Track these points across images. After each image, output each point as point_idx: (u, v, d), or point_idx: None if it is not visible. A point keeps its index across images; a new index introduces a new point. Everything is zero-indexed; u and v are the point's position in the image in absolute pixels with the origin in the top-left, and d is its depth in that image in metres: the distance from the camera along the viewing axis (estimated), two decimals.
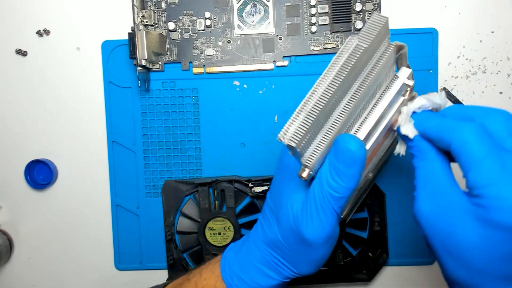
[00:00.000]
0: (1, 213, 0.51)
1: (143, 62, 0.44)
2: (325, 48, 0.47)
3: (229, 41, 0.48)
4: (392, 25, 0.47)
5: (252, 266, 0.34)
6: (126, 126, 0.49)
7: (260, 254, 0.34)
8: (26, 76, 0.49)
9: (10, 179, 0.50)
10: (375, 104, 0.30)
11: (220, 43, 0.48)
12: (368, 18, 0.47)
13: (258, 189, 0.48)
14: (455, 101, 0.47)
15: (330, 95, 0.26)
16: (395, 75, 0.31)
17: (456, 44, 0.48)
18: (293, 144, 0.26)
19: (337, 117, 0.27)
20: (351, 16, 0.47)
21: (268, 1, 0.47)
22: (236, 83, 0.48)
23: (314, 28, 0.47)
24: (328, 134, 0.28)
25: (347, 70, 0.26)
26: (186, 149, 0.49)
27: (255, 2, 0.47)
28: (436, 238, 0.27)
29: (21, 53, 0.49)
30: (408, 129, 0.30)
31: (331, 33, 0.47)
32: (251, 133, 0.49)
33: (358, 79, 0.28)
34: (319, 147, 0.27)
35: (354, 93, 0.28)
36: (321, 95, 0.26)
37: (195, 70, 0.48)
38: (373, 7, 0.47)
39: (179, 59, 0.48)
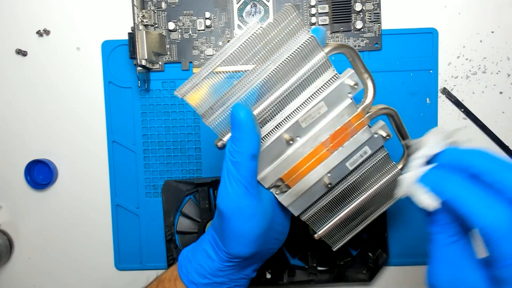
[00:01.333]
0: (1, 213, 0.51)
1: (143, 62, 0.44)
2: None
3: (229, 41, 0.47)
4: (392, 25, 0.47)
5: (199, 247, 0.36)
6: (126, 126, 0.49)
7: (207, 237, 0.36)
8: (26, 76, 0.49)
9: (10, 179, 0.50)
10: (310, 98, 0.32)
11: (220, 43, 0.48)
12: (368, 19, 0.47)
13: None
14: (455, 101, 0.47)
15: (219, 61, 0.30)
16: (336, 74, 0.32)
17: (456, 44, 0.48)
18: (180, 96, 0.30)
19: (244, 91, 0.31)
20: (351, 16, 0.47)
21: (268, 1, 0.47)
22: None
23: None
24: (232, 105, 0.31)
25: (242, 41, 0.30)
26: (186, 149, 0.49)
27: (255, 2, 0.47)
28: None
29: (21, 53, 0.49)
30: (426, 199, 0.27)
31: (331, 33, 0.47)
32: None
33: (269, 61, 0.31)
34: (223, 114, 0.31)
35: (263, 74, 0.31)
36: (212, 60, 0.30)
37: (195, 70, 0.48)
38: (373, 7, 0.47)
39: (179, 59, 0.48)
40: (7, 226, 0.51)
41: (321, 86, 0.32)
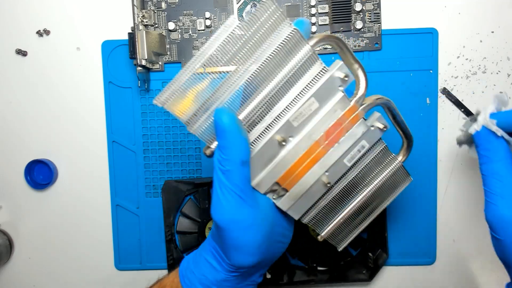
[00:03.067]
0: (1, 213, 0.51)
1: (143, 62, 0.44)
2: (325, 48, 0.47)
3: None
4: (392, 25, 0.47)
5: (201, 259, 0.35)
6: (126, 126, 0.49)
7: (208, 247, 0.35)
8: (26, 76, 0.49)
9: (10, 179, 0.50)
10: (299, 96, 0.31)
11: None
12: (368, 19, 0.47)
13: None
14: (455, 101, 0.47)
15: (198, 64, 0.28)
16: (325, 67, 0.31)
17: (456, 44, 0.48)
18: (160, 105, 0.28)
19: (228, 94, 0.29)
20: (351, 16, 0.47)
21: None
22: None
23: (314, 28, 0.47)
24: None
25: (221, 40, 0.28)
26: (186, 149, 0.49)
27: (255, 2, 0.47)
28: None
29: (21, 53, 0.49)
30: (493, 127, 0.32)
31: (331, 33, 0.47)
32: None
33: (251, 59, 0.29)
34: (207, 120, 0.29)
35: (245, 73, 0.29)
36: (190, 63, 0.28)
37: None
38: (373, 7, 0.47)
39: (179, 59, 0.48)
40: (7, 226, 0.51)
41: (310, 81, 0.31)
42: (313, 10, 0.47)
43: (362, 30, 0.47)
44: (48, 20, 0.49)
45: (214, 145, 0.30)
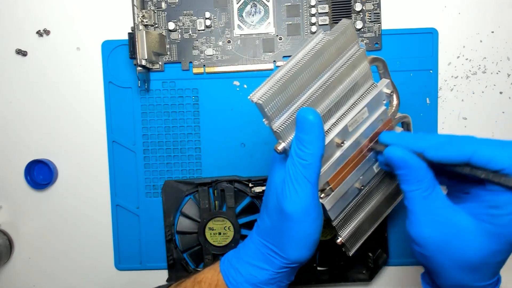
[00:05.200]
0: (1, 213, 0.51)
1: (143, 62, 0.44)
2: None
3: (229, 41, 0.48)
4: (392, 25, 0.47)
5: (247, 258, 0.35)
6: (126, 126, 0.49)
7: (254, 246, 0.35)
8: (26, 76, 0.49)
9: (10, 179, 0.50)
10: (354, 104, 0.34)
11: (220, 43, 0.48)
12: (368, 19, 0.47)
13: (258, 189, 0.48)
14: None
15: (296, 69, 0.30)
16: (374, 83, 0.35)
17: (456, 44, 0.48)
18: (261, 102, 0.30)
19: (310, 96, 0.32)
20: (351, 16, 0.47)
21: (268, 1, 0.47)
22: (236, 83, 0.48)
23: (314, 28, 0.47)
24: (298, 109, 0.32)
25: (313, 53, 0.31)
26: (186, 149, 0.49)
27: (255, 2, 0.47)
28: (443, 256, 0.30)
29: (21, 53, 0.49)
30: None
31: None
32: (251, 133, 0.49)
33: (328, 68, 0.32)
34: (290, 117, 0.31)
35: (327, 80, 0.32)
36: (290, 68, 0.31)
37: (195, 70, 0.48)
38: (373, 7, 0.47)
39: (179, 59, 0.48)
40: (7, 226, 0.51)
41: (363, 93, 0.35)
42: (313, 10, 0.47)
43: (362, 30, 0.47)
44: (48, 20, 0.49)
45: (287, 141, 0.32)
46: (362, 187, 0.37)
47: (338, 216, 0.37)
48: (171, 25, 0.47)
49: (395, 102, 0.38)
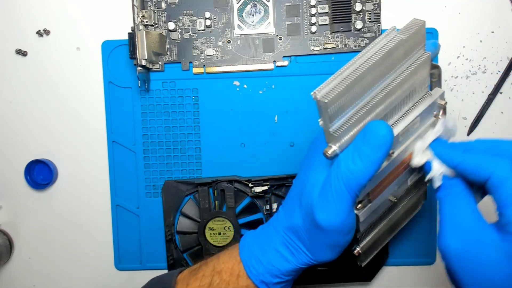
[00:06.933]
0: (1, 213, 0.51)
1: (143, 62, 0.44)
2: (325, 48, 0.47)
3: (229, 41, 0.48)
4: (392, 25, 0.47)
5: (271, 248, 0.35)
6: (126, 126, 0.49)
7: (279, 238, 0.35)
8: (26, 76, 0.49)
9: (10, 179, 0.50)
10: (406, 112, 0.31)
11: (220, 43, 0.48)
12: (368, 19, 0.47)
13: (258, 189, 0.48)
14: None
15: (366, 68, 0.28)
16: (428, 92, 0.33)
17: (456, 44, 0.48)
18: (326, 101, 0.26)
19: (370, 100, 0.29)
20: (351, 16, 0.47)
21: (268, 1, 0.47)
22: (236, 83, 0.48)
23: (314, 28, 0.47)
24: (359, 113, 0.29)
25: (385, 51, 0.28)
26: (186, 149, 0.49)
27: (255, 2, 0.47)
28: (465, 272, 0.28)
29: (21, 53, 0.49)
30: (422, 159, 0.31)
31: (331, 33, 0.47)
32: (251, 133, 0.49)
33: (392, 71, 0.30)
34: (349, 121, 0.28)
35: (389, 84, 0.29)
36: (358, 66, 0.28)
37: (195, 70, 0.48)
38: (373, 7, 0.47)
39: (179, 59, 0.48)
40: (7, 226, 0.51)
41: (417, 101, 0.32)
42: (313, 10, 0.47)
43: (362, 30, 0.47)
44: (48, 20, 0.49)
45: (336, 147, 0.29)
46: (395, 200, 0.35)
47: (365, 228, 0.35)
48: (171, 25, 0.47)
49: (441, 115, 0.34)
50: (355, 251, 0.36)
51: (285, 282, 0.35)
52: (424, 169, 0.32)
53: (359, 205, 0.32)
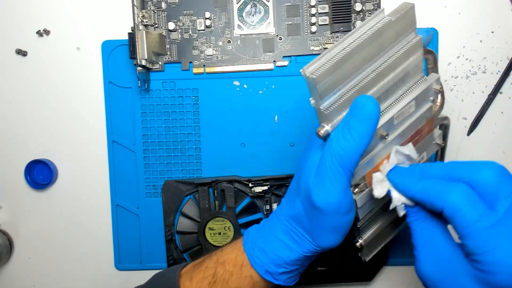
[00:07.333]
0: (1, 213, 0.51)
1: (143, 62, 0.44)
2: (325, 48, 0.47)
3: (229, 41, 0.48)
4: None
5: (274, 238, 0.34)
6: (126, 126, 0.49)
7: (282, 227, 0.34)
8: (26, 76, 0.49)
9: (10, 179, 0.50)
10: (401, 96, 0.32)
11: (220, 43, 0.48)
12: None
13: (258, 189, 0.48)
14: None
15: (354, 46, 0.28)
16: (424, 77, 0.33)
17: (456, 44, 0.48)
18: (314, 77, 0.27)
19: (361, 80, 0.29)
20: (351, 16, 0.47)
21: (268, 1, 0.47)
22: (236, 83, 0.48)
23: (314, 28, 0.47)
24: (349, 92, 0.29)
25: (373, 31, 0.29)
26: (186, 149, 0.49)
27: (255, 2, 0.47)
28: None
29: (21, 53, 0.49)
30: (383, 189, 0.31)
31: (331, 33, 0.47)
32: (251, 133, 0.49)
33: (383, 52, 0.30)
34: (340, 99, 0.29)
35: (380, 65, 0.30)
36: (348, 45, 0.28)
37: (195, 70, 0.48)
38: (373, 7, 0.47)
39: (179, 59, 0.48)
40: (7, 226, 0.51)
41: (412, 86, 0.32)
42: (313, 10, 0.47)
43: None
44: (48, 20, 0.49)
45: (329, 126, 0.29)
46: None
47: (365, 217, 0.35)
48: (171, 25, 0.47)
49: (439, 100, 0.35)
50: (358, 243, 0.36)
51: (290, 273, 0.35)
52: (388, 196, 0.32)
53: (356, 189, 0.32)
